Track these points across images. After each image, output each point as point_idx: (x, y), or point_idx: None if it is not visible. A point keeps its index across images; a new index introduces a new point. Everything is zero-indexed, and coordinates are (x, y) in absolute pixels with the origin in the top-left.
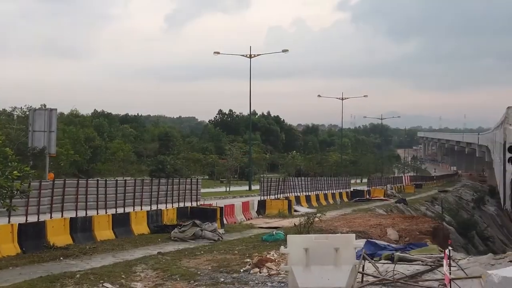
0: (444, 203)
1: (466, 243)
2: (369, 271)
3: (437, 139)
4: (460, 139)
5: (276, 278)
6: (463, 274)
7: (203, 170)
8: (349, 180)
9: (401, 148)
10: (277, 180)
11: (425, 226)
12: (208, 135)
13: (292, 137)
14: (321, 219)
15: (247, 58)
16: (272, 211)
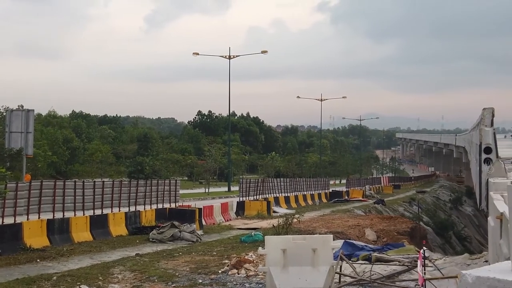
0: (422, 203)
1: (443, 243)
2: (346, 272)
3: (415, 140)
4: (438, 140)
5: (254, 279)
6: (440, 274)
7: (182, 171)
8: (328, 181)
9: (380, 149)
10: (256, 181)
11: (402, 227)
12: (187, 136)
13: (271, 138)
14: (300, 220)
15: (227, 59)
16: (251, 212)
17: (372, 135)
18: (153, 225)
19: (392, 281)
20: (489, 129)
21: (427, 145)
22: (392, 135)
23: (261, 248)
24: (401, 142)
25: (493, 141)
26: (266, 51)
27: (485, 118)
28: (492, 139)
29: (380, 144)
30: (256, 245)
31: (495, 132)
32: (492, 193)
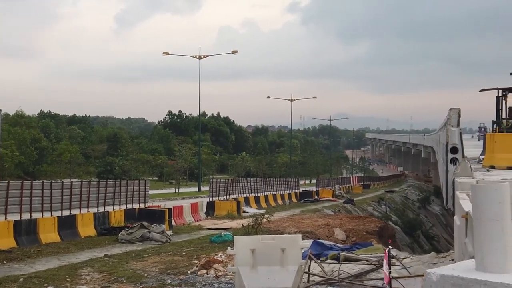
0: (391, 203)
1: (411, 242)
2: (315, 271)
3: (384, 140)
4: (407, 140)
5: (223, 279)
6: (407, 273)
7: (152, 171)
8: (298, 181)
9: (350, 149)
10: (226, 181)
11: (371, 226)
12: (158, 136)
13: (242, 138)
14: (270, 220)
15: (197, 59)
16: (221, 212)
17: (342, 135)
18: (122, 226)
19: (360, 280)
20: (456, 129)
21: (396, 145)
22: (362, 135)
23: (229, 248)
24: (371, 142)
25: (459, 141)
26: (237, 51)
27: (451, 118)
28: (458, 139)
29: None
30: (225, 245)
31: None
32: (458, 192)
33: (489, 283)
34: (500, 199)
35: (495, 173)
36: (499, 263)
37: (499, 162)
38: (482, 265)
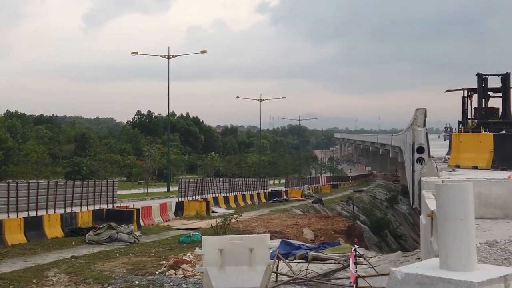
0: (359, 203)
1: (379, 241)
2: (283, 271)
3: (353, 140)
4: (375, 140)
5: (192, 280)
6: (374, 271)
7: (121, 171)
8: (267, 181)
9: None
10: (195, 181)
11: (340, 226)
12: (126, 136)
13: (211, 138)
14: (238, 220)
15: (166, 59)
16: (190, 212)
17: (311, 135)
18: (89, 227)
19: (327, 279)
20: (422, 129)
21: (365, 145)
22: (331, 135)
23: (198, 248)
24: (339, 142)
25: (425, 141)
26: (206, 51)
27: (417, 118)
28: (424, 139)
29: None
30: (194, 245)
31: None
32: (424, 191)
33: (452, 281)
34: (463, 198)
35: (460, 172)
36: (463, 261)
37: (464, 161)
38: (446, 263)
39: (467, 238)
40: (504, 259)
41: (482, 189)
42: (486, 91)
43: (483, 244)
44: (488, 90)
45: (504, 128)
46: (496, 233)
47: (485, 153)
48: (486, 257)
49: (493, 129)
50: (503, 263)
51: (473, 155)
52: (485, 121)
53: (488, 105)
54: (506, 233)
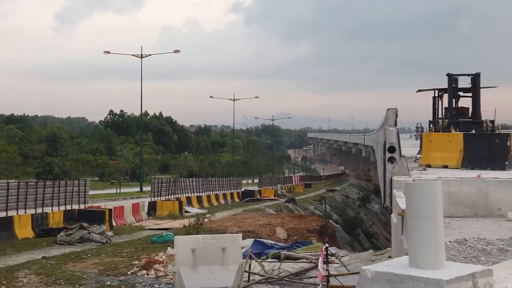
0: (332, 202)
1: (352, 240)
2: (256, 270)
3: (326, 139)
4: (348, 140)
5: (164, 280)
6: (346, 270)
7: (93, 171)
8: (241, 180)
9: (292, 149)
10: (168, 181)
11: (312, 225)
12: (99, 136)
13: (184, 138)
14: (211, 219)
15: (139, 58)
16: (163, 212)
17: (284, 135)
18: (61, 227)
19: (300, 278)
20: (393, 128)
21: (337, 145)
22: (304, 135)
23: (170, 248)
24: (313, 141)
25: (396, 140)
26: (179, 50)
27: (389, 118)
28: (395, 139)
29: (292, 143)
30: (167, 245)
31: (399, 132)
32: (395, 191)
33: (421, 279)
34: (432, 197)
35: (431, 171)
36: (432, 259)
37: (434, 161)
38: (415, 262)
39: (435, 236)
40: (473, 257)
41: (452, 188)
42: (456, 91)
43: (453, 242)
44: (459, 90)
45: (474, 128)
46: (466, 231)
47: (455, 153)
48: (456, 255)
49: (463, 128)
50: (472, 261)
51: (443, 155)
52: (455, 121)
53: (459, 105)
54: (475, 232)
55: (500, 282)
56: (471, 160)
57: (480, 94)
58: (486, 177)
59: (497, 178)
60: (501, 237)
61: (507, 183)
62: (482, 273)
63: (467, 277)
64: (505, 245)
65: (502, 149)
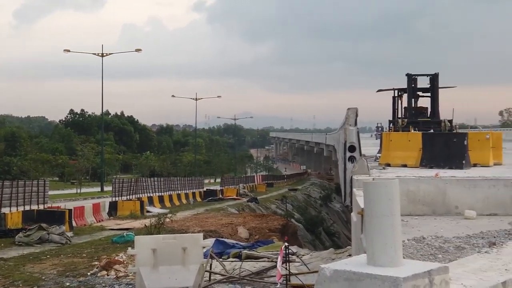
0: (294, 201)
1: (313, 239)
2: (217, 270)
3: (288, 139)
4: (310, 139)
5: (124, 280)
6: (306, 269)
7: (53, 171)
8: (203, 180)
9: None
10: (130, 181)
11: (274, 224)
12: (59, 136)
13: (146, 137)
14: (173, 219)
15: (100, 57)
16: (124, 212)
17: (246, 134)
18: (19, 228)
19: (260, 277)
20: (353, 128)
21: (299, 144)
22: (266, 134)
23: (130, 248)
24: (275, 141)
25: (357, 139)
26: (140, 49)
27: (349, 117)
28: (356, 138)
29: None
30: (128, 245)
31: (359, 131)
32: (355, 189)
33: (379, 277)
34: (390, 196)
35: (390, 170)
36: (389, 257)
37: (394, 160)
38: (373, 260)
39: (393, 234)
40: (430, 255)
41: (411, 187)
42: (415, 91)
43: (411, 240)
44: (418, 90)
45: (433, 127)
46: (424, 229)
47: (414, 152)
48: (413, 253)
49: (422, 128)
50: (429, 259)
51: (402, 154)
52: (414, 120)
53: (418, 105)
54: (433, 230)
55: (456, 279)
56: (430, 159)
57: (438, 94)
58: (444, 176)
59: (455, 177)
60: (458, 235)
61: (464, 182)
62: (438, 270)
63: (423, 274)
64: (461, 243)
65: (459, 148)
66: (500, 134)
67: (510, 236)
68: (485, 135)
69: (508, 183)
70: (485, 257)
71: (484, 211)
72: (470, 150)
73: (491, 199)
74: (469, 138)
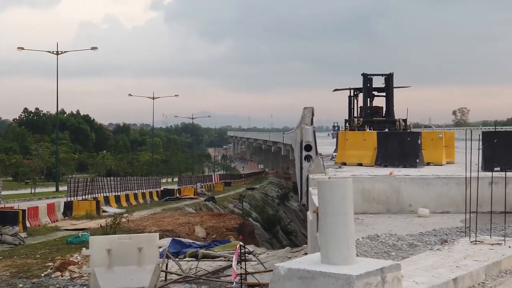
0: (251, 200)
1: (271, 238)
2: (174, 270)
3: (246, 138)
4: (267, 138)
5: (79, 281)
6: (263, 268)
7: (6, 171)
8: (160, 179)
9: (212, 147)
10: (86, 180)
11: (231, 223)
12: (12, 135)
13: (102, 136)
14: (130, 219)
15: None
16: (80, 212)
17: (204, 133)
18: None
19: (217, 276)
20: (309, 127)
21: (257, 143)
22: (224, 133)
23: (84, 248)
24: (233, 140)
25: (313, 138)
26: (96, 47)
27: (305, 117)
28: (312, 137)
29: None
30: (83, 246)
31: (315, 130)
32: (311, 188)
33: (332, 275)
34: (343, 194)
35: (346, 169)
36: (342, 255)
37: (350, 159)
38: (326, 258)
39: (346, 232)
40: (384, 252)
41: (366, 185)
42: (371, 90)
43: (365, 238)
44: (373, 90)
45: (387, 127)
46: (378, 227)
47: (369, 151)
48: (367, 250)
49: (377, 127)
50: (382, 256)
51: (358, 153)
52: (370, 120)
53: (373, 104)
54: (387, 227)
55: (408, 276)
56: (384, 158)
57: (393, 94)
58: (398, 175)
59: (408, 176)
60: (411, 232)
61: (418, 180)
62: (390, 268)
63: (376, 272)
64: (414, 240)
65: (413, 147)
66: (453, 133)
67: (462, 234)
68: (438, 134)
69: (460, 181)
70: (437, 255)
71: (437, 209)
72: (424, 149)
73: (444, 197)
74: (422, 137)
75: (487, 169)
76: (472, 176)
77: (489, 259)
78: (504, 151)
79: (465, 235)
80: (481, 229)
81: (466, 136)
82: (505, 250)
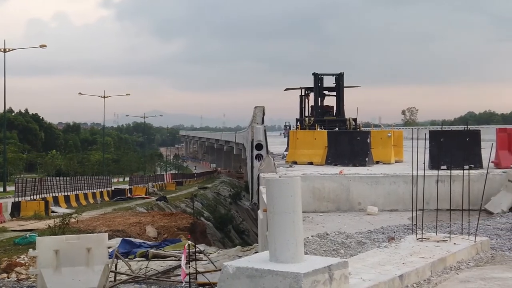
0: (203, 199)
1: (223, 237)
2: (123, 270)
3: (198, 137)
4: (220, 138)
5: (26, 283)
6: (213, 267)
7: None
8: (111, 179)
9: (164, 147)
10: (34, 180)
11: (183, 223)
12: None
13: (52, 135)
14: (79, 219)
15: (2, 52)
16: (28, 213)
17: (156, 133)
18: None
19: (167, 276)
20: (260, 126)
21: (209, 142)
22: (176, 133)
23: (31, 249)
24: (185, 139)
25: (264, 138)
26: (45, 45)
27: (256, 116)
28: (263, 136)
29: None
30: (31, 247)
31: (266, 130)
32: (262, 187)
33: (280, 273)
34: (291, 193)
35: (297, 168)
36: (290, 254)
37: (300, 158)
38: (275, 256)
39: (294, 231)
40: (333, 250)
41: (316, 184)
42: (321, 90)
43: (315, 237)
44: (324, 89)
45: (338, 126)
46: (328, 225)
47: (320, 150)
48: (316, 248)
49: (328, 126)
50: (331, 254)
51: (309, 152)
52: (320, 119)
53: (324, 104)
54: (337, 226)
55: (356, 273)
56: (335, 157)
57: (343, 93)
58: (347, 173)
59: (358, 174)
60: (360, 230)
61: (367, 179)
62: (338, 265)
63: (323, 269)
64: (363, 238)
65: (363, 146)
66: (401, 133)
67: (409, 231)
68: (387, 133)
69: (407, 179)
70: (384, 252)
71: (386, 207)
72: (373, 148)
73: (392, 195)
74: (372, 137)
75: (434, 168)
76: (419, 174)
77: (435, 255)
78: (450, 149)
79: (412, 232)
80: (427, 227)
81: (413, 135)
82: (450, 247)
